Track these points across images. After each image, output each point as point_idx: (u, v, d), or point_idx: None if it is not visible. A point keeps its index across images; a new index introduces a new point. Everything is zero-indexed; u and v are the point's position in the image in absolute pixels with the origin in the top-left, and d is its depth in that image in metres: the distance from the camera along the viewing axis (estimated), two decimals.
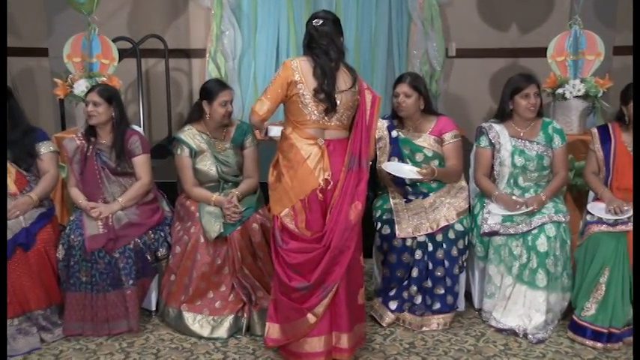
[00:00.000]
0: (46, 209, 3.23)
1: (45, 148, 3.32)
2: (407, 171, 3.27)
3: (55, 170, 3.34)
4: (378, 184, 3.53)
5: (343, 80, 2.81)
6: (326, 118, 2.79)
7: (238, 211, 3.21)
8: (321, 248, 2.75)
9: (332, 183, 2.77)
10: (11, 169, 3.19)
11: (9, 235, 3.02)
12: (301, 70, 2.76)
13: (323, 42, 2.78)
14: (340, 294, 2.81)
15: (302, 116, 2.78)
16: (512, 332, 3.19)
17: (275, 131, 2.94)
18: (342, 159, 2.80)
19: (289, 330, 2.81)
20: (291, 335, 2.81)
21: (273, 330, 2.85)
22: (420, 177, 3.21)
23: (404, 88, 3.34)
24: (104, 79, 4.29)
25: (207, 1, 5.46)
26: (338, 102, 2.78)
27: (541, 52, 4.40)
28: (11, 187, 3.17)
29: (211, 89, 3.34)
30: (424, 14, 5.50)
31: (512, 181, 3.37)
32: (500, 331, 3.23)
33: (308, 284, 2.74)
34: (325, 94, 2.74)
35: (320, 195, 2.78)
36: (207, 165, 3.37)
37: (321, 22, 2.82)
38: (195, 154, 3.36)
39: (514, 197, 3.29)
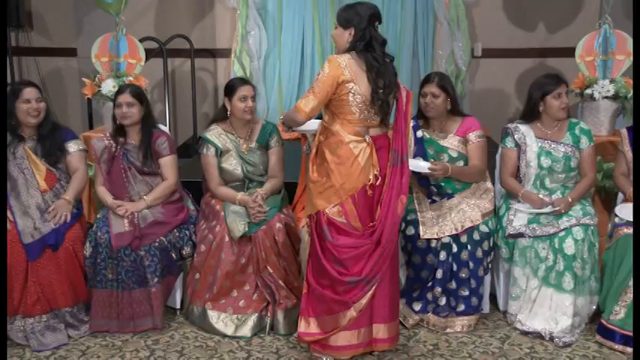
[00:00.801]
0: (76, 209, 3.27)
1: (74, 147, 3.36)
2: (420, 166, 3.25)
3: (85, 168, 3.39)
4: None
5: (390, 82, 2.81)
6: (373, 117, 2.79)
7: (263, 211, 3.22)
8: (372, 243, 2.77)
9: (380, 178, 2.80)
10: (41, 167, 3.24)
11: (37, 235, 3.07)
12: (351, 69, 2.73)
13: (378, 43, 2.77)
14: (384, 286, 2.84)
15: (350, 114, 2.77)
16: (538, 335, 3.15)
17: (311, 125, 2.90)
18: (386, 154, 2.83)
19: (328, 323, 2.82)
20: (329, 328, 2.82)
21: (308, 324, 2.85)
22: (430, 172, 3.18)
23: (432, 88, 3.32)
24: (131, 78, 4.34)
25: (233, 1, 5.48)
26: (388, 104, 2.80)
27: (569, 52, 4.34)
28: (41, 184, 3.22)
29: (232, 85, 3.39)
30: (450, 14, 5.46)
31: (538, 182, 3.33)
32: (525, 334, 3.19)
33: (359, 278, 2.76)
34: (380, 96, 2.74)
35: (369, 191, 2.80)
36: (233, 164, 3.38)
37: (378, 22, 2.79)
38: (220, 153, 3.38)
39: (540, 196, 3.26)
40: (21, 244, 3.04)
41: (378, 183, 2.80)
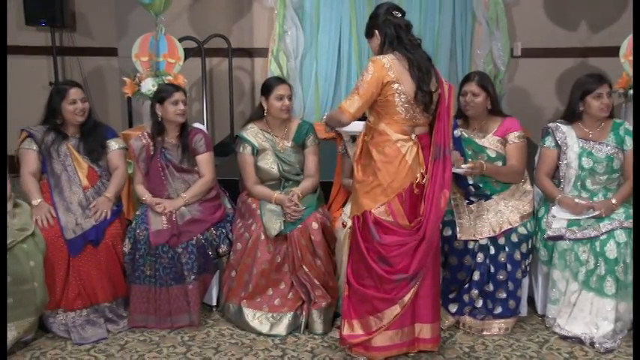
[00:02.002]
0: (116, 206, 3.33)
1: (114, 145, 3.43)
2: (454, 169, 3.22)
3: (124, 166, 3.45)
4: None
5: (433, 76, 2.80)
6: (419, 116, 2.78)
7: (298, 210, 3.23)
8: (417, 239, 2.77)
9: (425, 177, 2.80)
10: (84, 165, 3.31)
11: (79, 231, 3.13)
12: (395, 69, 2.72)
13: (410, 36, 2.76)
14: (427, 284, 2.84)
15: (396, 114, 2.76)
16: (577, 340, 3.09)
17: (355, 126, 2.92)
18: (429, 153, 2.83)
19: (372, 323, 2.82)
20: (374, 328, 2.81)
21: (352, 327, 2.84)
22: (468, 172, 3.15)
23: (472, 87, 3.28)
24: (170, 77, 4.40)
25: (271, 1, 5.52)
26: (434, 99, 2.78)
27: (612, 52, 4.26)
28: (83, 181, 3.29)
29: (268, 83, 3.41)
30: (489, 13, 5.40)
31: (579, 183, 3.27)
32: (564, 338, 3.13)
33: (407, 275, 2.77)
34: (425, 93, 2.73)
35: (416, 189, 2.79)
36: (269, 163, 3.40)
37: (400, 14, 2.78)
38: (257, 152, 3.40)
39: (577, 200, 3.19)
40: (63, 239, 3.10)
41: (424, 181, 2.79)
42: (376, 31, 2.83)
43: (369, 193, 2.80)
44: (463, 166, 3.16)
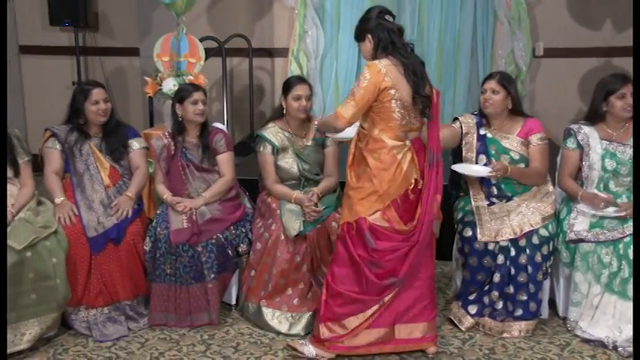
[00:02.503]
0: (137, 205, 3.35)
1: (136, 145, 3.45)
2: (477, 170, 3.20)
3: (146, 166, 3.47)
4: (461, 185, 3.47)
5: (427, 82, 2.79)
6: (413, 121, 2.77)
7: (317, 210, 3.23)
8: (410, 244, 2.77)
9: (421, 181, 2.80)
10: (106, 164, 3.34)
11: (100, 230, 3.16)
12: (391, 75, 2.71)
13: (402, 41, 2.75)
14: (415, 284, 2.84)
15: (392, 120, 2.75)
16: (600, 344, 3.05)
17: (347, 132, 2.93)
18: (423, 157, 2.82)
19: (352, 323, 2.82)
20: (354, 326, 2.81)
21: (330, 329, 2.85)
22: (492, 174, 3.12)
23: (492, 84, 3.26)
24: (191, 77, 4.42)
25: (292, 1, 5.52)
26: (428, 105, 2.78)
27: None
28: (105, 180, 3.32)
29: (288, 82, 3.41)
30: (511, 13, 5.35)
31: (602, 185, 3.22)
32: (586, 341, 3.09)
33: (397, 279, 2.77)
34: (422, 97, 2.72)
35: (411, 195, 2.79)
36: (289, 162, 3.41)
37: (392, 19, 2.76)
38: (277, 151, 3.41)
39: (595, 191, 3.15)
40: (85, 237, 3.14)
41: (419, 186, 2.80)
42: (368, 35, 2.80)
43: (365, 200, 2.79)
44: (487, 168, 3.14)
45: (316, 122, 3.15)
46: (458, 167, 3.28)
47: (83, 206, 3.22)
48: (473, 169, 3.24)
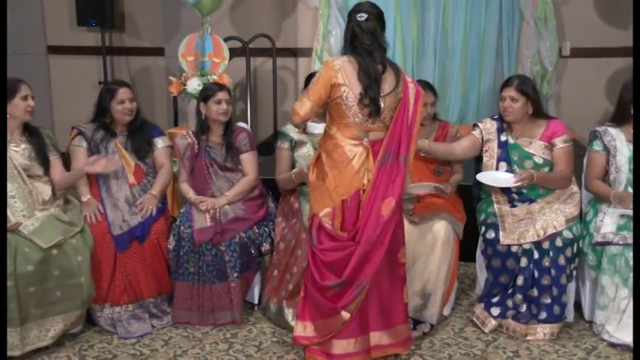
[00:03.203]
0: (161, 203, 3.38)
1: (161, 143, 3.49)
2: (503, 180, 3.17)
3: (170, 165, 3.50)
4: (483, 186, 3.44)
5: (388, 82, 2.72)
6: (369, 121, 2.72)
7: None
8: (354, 245, 2.70)
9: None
10: (131, 162, 3.38)
11: (125, 228, 3.20)
12: (344, 72, 2.67)
13: (366, 41, 2.68)
14: (377, 292, 2.77)
15: (345, 118, 2.71)
16: (627, 348, 3.00)
17: (312, 128, 2.94)
18: None
19: (323, 327, 2.78)
20: (325, 332, 2.78)
21: (304, 328, 2.81)
22: (518, 184, 3.10)
23: (510, 92, 3.22)
24: (215, 77, 4.45)
25: (316, 1, 5.52)
26: (382, 105, 2.69)
27: None
28: (130, 178, 3.35)
29: (309, 78, 3.40)
30: (537, 13, 5.29)
31: (629, 188, 3.17)
32: (613, 345, 3.05)
33: (340, 281, 2.70)
34: (370, 99, 2.66)
35: (363, 195, 2.73)
36: (307, 154, 3.40)
37: (365, 16, 2.70)
38: (295, 144, 3.42)
39: (630, 190, 3.10)
40: (110, 235, 3.17)
41: None
42: (345, 30, 2.78)
43: (318, 197, 2.77)
44: (512, 178, 3.11)
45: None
46: (482, 177, 3.24)
47: (108, 204, 3.26)
48: (498, 177, 3.20)
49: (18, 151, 3.11)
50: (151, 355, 3.00)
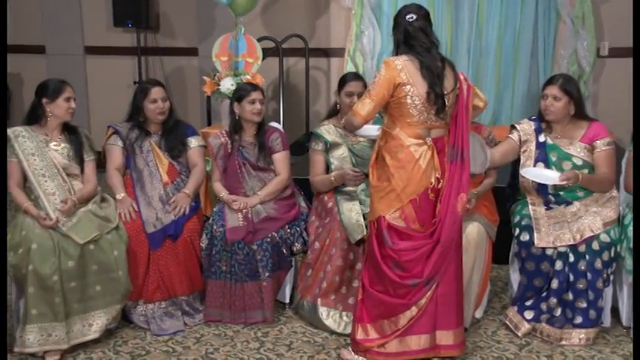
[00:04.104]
0: (194, 202, 3.41)
1: (194, 143, 3.51)
2: (548, 177, 3.11)
3: (203, 164, 3.53)
4: (519, 188, 3.39)
5: (448, 79, 2.73)
6: (434, 118, 2.73)
7: (359, 175, 3.21)
8: (431, 243, 2.73)
9: (442, 181, 2.75)
10: (164, 161, 3.41)
11: (159, 226, 3.23)
12: (407, 71, 2.69)
13: (422, 38, 2.71)
14: (447, 289, 2.78)
15: (409, 117, 2.72)
16: None
17: (368, 130, 2.95)
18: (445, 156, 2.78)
19: (387, 326, 2.79)
20: (389, 332, 2.78)
21: (365, 331, 2.81)
22: (563, 183, 3.05)
23: (553, 90, 3.17)
24: (248, 77, 4.47)
25: (349, 1, 5.52)
26: (447, 103, 2.71)
27: None
28: (164, 176, 3.39)
29: (343, 78, 3.42)
30: (575, 11, 5.21)
31: None
32: None
33: (420, 280, 2.73)
34: (436, 95, 2.68)
35: (431, 194, 2.75)
36: (342, 157, 3.40)
37: (414, 17, 2.73)
38: (329, 146, 3.42)
39: None
40: (144, 233, 3.21)
41: (439, 186, 2.74)
42: (395, 32, 2.81)
43: (384, 199, 2.77)
44: (558, 176, 3.06)
45: (342, 121, 3.15)
46: (527, 172, 3.19)
47: (143, 202, 3.30)
48: (543, 173, 3.15)
49: (58, 150, 3.18)
50: (183, 352, 3.03)
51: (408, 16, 2.74)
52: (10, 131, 3.15)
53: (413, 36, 2.72)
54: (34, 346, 2.88)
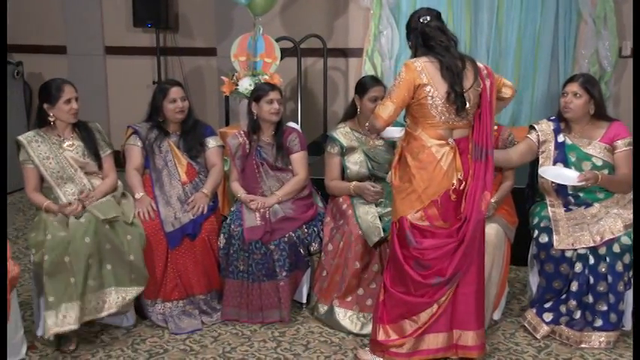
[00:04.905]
0: (212, 202, 3.42)
1: (212, 143, 3.53)
2: (567, 177, 3.08)
3: (221, 164, 3.55)
4: (538, 189, 3.37)
5: (468, 78, 2.72)
6: (455, 118, 2.72)
7: (379, 191, 3.25)
8: (456, 241, 2.72)
9: (464, 183, 2.73)
10: (183, 161, 3.43)
11: (177, 225, 3.25)
12: (427, 72, 2.68)
13: (441, 38, 2.71)
14: (467, 289, 2.77)
15: (431, 118, 2.71)
16: None
17: (391, 132, 2.96)
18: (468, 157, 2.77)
19: (407, 326, 2.78)
20: (409, 331, 2.77)
21: (386, 332, 2.81)
22: (582, 184, 3.02)
23: (574, 87, 3.15)
24: (266, 77, 4.48)
25: (367, 1, 5.51)
26: (467, 101, 2.70)
27: None
28: (182, 176, 3.41)
29: (364, 83, 3.40)
30: (597, 11, 5.14)
31: None
32: None
33: (444, 279, 2.72)
34: (456, 95, 2.67)
35: (453, 195, 2.73)
36: (358, 162, 3.40)
37: (428, 18, 2.74)
38: (345, 150, 3.42)
39: None
40: (163, 232, 3.23)
41: (461, 187, 2.73)
42: (411, 36, 2.81)
43: (405, 200, 2.76)
44: (577, 176, 3.03)
45: (367, 124, 3.15)
46: (546, 171, 3.17)
47: (161, 201, 3.32)
48: (562, 173, 3.12)
49: (72, 150, 3.21)
50: (201, 351, 3.04)
51: (422, 19, 2.75)
52: (22, 138, 3.18)
53: (431, 36, 2.72)
54: (52, 328, 2.87)
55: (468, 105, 2.71)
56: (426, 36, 2.73)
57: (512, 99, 3.01)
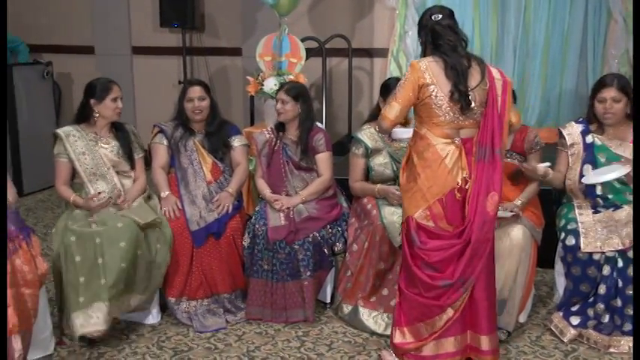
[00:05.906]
0: (237, 201, 3.44)
1: (238, 142, 3.55)
2: (618, 172, 3.01)
3: (246, 163, 3.56)
4: (565, 191, 3.32)
5: (474, 77, 2.68)
6: (461, 117, 2.68)
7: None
8: (461, 243, 2.68)
9: (469, 182, 2.70)
10: (208, 160, 3.46)
11: (202, 224, 3.27)
12: (431, 72, 2.66)
13: (450, 36, 2.68)
14: (479, 293, 2.73)
15: (436, 117, 2.69)
16: None
17: (400, 133, 2.94)
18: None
19: (423, 329, 2.75)
20: (426, 335, 2.75)
21: (403, 334, 2.78)
22: (630, 169, 2.97)
23: (612, 92, 3.09)
24: (291, 77, 4.49)
25: (392, 1, 5.49)
26: (472, 100, 2.66)
27: None
28: (207, 175, 3.43)
29: (388, 85, 3.39)
30: (627, 9, 5.06)
31: None
32: None
33: (451, 281, 2.68)
34: (460, 94, 2.64)
35: (458, 194, 2.70)
36: (383, 164, 3.39)
37: (440, 16, 2.71)
38: (370, 152, 3.41)
39: None
40: (188, 231, 3.26)
41: (467, 186, 2.69)
42: (422, 33, 2.79)
43: (411, 199, 2.75)
44: (623, 167, 2.99)
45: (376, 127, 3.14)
46: (589, 179, 3.10)
47: (187, 200, 3.35)
48: (609, 171, 3.05)
49: (107, 148, 3.26)
50: (225, 350, 3.06)
51: (433, 16, 2.73)
52: (60, 131, 3.24)
53: (441, 35, 2.69)
54: (81, 329, 2.90)
55: (473, 104, 2.67)
56: (436, 34, 2.70)
57: (515, 127, 2.97)
